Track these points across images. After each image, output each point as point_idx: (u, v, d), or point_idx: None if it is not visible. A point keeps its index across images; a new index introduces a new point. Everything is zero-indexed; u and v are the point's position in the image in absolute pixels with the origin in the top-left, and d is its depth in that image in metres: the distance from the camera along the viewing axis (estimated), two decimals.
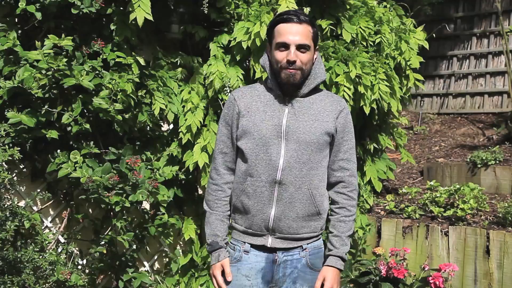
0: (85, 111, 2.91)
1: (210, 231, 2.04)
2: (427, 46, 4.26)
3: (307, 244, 2.02)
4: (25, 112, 2.79)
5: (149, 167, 3.15)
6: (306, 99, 2.01)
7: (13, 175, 2.99)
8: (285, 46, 1.92)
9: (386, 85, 3.54)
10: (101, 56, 2.96)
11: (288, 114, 1.97)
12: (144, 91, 3.15)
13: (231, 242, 2.09)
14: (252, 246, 2.01)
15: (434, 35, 5.18)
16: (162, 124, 3.39)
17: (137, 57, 3.02)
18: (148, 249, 3.42)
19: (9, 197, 2.80)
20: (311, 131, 1.96)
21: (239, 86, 3.20)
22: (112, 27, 3.00)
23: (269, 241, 1.99)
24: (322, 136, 1.98)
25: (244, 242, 2.03)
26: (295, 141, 1.95)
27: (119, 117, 2.92)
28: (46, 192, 3.02)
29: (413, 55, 3.92)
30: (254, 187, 1.96)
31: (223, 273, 2.02)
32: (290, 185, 1.95)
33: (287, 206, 1.96)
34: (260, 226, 1.98)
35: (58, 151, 2.92)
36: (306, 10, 3.32)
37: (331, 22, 3.49)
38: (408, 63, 3.92)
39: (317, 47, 2.04)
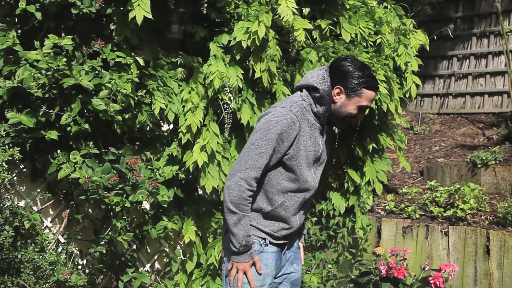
0: (85, 111, 2.91)
1: (244, 233, 2.14)
2: (427, 47, 4.26)
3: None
4: (24, 112, 2.79)
5: (149, 167, 3.15)
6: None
7: (13, 175, 2.99)
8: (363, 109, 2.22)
9: (385, 87, 3.54)
10: (101, 56, 2.96)
11: (321, 141, 2.27)
12: (144, 91, 3.15)
13: (252, 239, 2.28)
14: (271, 242, 2.26)
15: (435, 37, 5.18)
16: (162, 124, 3.39)
17: (136, 57, 3.02)
18: (148, 249, 3.42)
19: (9, 197, 2.80)
20: (326, 154, 2.36)
21: (239, 86, 3.20)
22: (112, 27, 3.00)
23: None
24: None
25: (265, 239, 2.24)
26: (321, 164, 2.32)
27: (119, 117, 2.92)
28: (46, 192, 3.03)
29: (410, 59, 3.92)
30: (293, 202, 2.23)
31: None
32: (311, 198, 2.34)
33: (304, 212, 2.37)
34: (291, 233, 2.29)
35: (58, 151, 2.92)
36: (306, 10, 3.32)
37: (331, 21, 3.49)
38: (408, 64, 3.92)
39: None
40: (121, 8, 3.01)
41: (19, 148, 2.74)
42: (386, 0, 4.20)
